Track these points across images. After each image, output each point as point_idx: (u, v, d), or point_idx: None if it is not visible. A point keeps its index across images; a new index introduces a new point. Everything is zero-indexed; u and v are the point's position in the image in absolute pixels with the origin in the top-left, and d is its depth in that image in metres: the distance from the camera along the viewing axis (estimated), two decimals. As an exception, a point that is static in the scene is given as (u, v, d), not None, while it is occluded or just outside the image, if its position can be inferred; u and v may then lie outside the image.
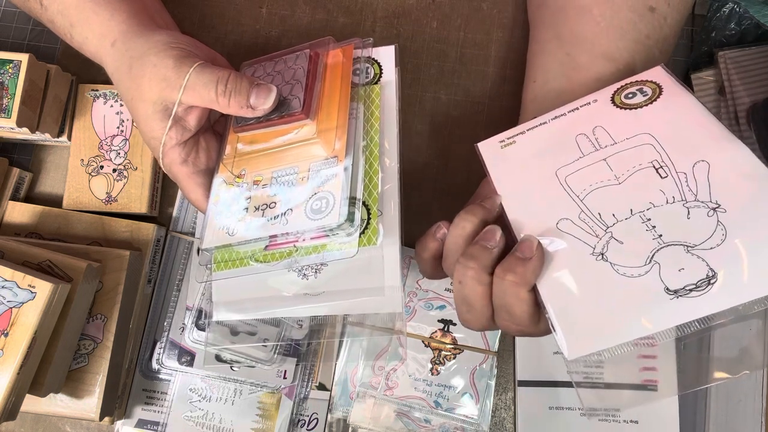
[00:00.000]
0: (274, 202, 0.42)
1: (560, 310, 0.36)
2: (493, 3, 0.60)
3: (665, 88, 0.41)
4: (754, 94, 0.52)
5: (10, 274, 0.45)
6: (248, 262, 0.42)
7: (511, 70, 0.59)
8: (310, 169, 0.42)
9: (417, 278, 0.54)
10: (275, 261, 0.41)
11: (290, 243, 0.41)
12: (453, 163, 0.58)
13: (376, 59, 0.47)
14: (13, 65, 0.51)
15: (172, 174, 0.47)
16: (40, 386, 0.46)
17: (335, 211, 0.40)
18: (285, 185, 0.43)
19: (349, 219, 0.40)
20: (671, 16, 0.47)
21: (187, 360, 0.53)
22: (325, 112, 0.44)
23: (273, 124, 0.44)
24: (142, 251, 0.54)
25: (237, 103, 0.43)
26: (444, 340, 0.53)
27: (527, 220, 0.39)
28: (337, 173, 0.41)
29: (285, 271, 0.42)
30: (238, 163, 0.45)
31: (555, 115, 0.44)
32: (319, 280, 0.41)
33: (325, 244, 0.40)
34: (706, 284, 0.33)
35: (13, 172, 0.56)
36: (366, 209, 0.41)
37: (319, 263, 0.41)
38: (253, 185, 0.44)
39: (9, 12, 0.61)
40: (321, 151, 0.43)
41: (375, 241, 0.40)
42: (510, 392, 0.54)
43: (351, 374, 0.54)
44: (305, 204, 0.41)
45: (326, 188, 0.41)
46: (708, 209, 0.35)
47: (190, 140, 0.46)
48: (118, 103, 0.57)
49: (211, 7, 0.61)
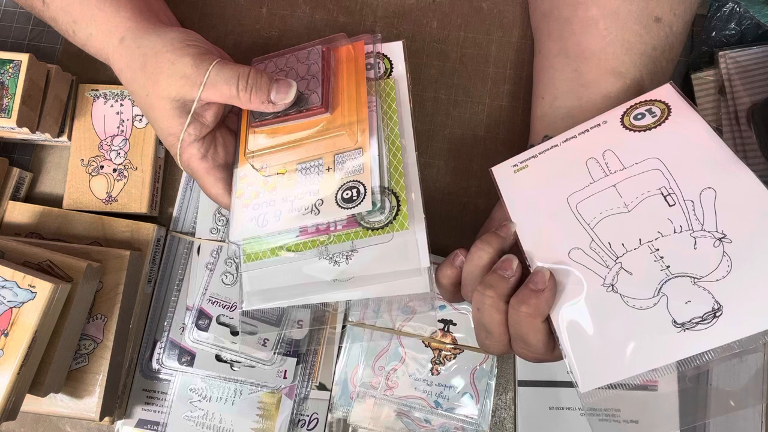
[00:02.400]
0: (302, 193, 0.44)
1: (573, 343, 0.36)
2: (493, 3, 0.60)
3: (674, 109, 0.41)
4: (754, 94, 0.51)
5: (11, 274, 0.45)
6: (279, 252, 0.44)
7: (511, 70, 0.59)
8: (335, 160, 0.44)
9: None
10: (307, 250, 0.43)
11: (322, 232, 0.43)
12: (453, 163, 0.58)
13: (386, 54, 0.48)
14: (14, 65, 0.51)
15: (191, 170, 0.47)
16: (40, 386, 0.46)
17: (367, 199, 0.41)
18: (311, 176, 0.44)
19: (381, 206, 0.42)
20: (677, 24, 0.47)
21: (187, 360, 0.53)
22: (344, 105, 0.45)
23: (292, 118, 0.45)
24: (143, 251, 0.54)
25: (258, 99, 0.43)
26: (444, 340, 0.53)
27: (540, 249, 0.40)
28: (364, 163, 0.43)
29: (316, 259, 0.44)
30: (258, 157, 0.46)
31: (566, 137, 0.44)
32: (350, 266, 0.43)
33: (357, 231, 0.42)
34: (711, 317, 0.33)
35: (13, 172, 0.56)
36: (395, 196, 0.43)
37: (349, 250, 0.43)
38: (276, 176, 0.45)
39: (9, 12, 0.61)
40: (346, 142, 0.44)
41: (407, 225, 0.42)
42: (510, 392, 0.54)
43: (351, 374, 0.54)
44: (335, 194, 0.42)
45: (355, 178, 0.42)
46: (714, 239, 0.35)
47: (207, 136, 0.46)
48: (118, 103, 0.57)
49: (212, 7, 0.61)
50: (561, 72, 0.49)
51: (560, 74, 0.49)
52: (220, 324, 0.52)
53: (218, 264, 0.54)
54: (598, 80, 0.46)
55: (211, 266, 0.54)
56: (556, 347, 0.38)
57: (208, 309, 0.53)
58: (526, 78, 0.59)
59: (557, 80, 0.49)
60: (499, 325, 0.39)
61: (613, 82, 0.46)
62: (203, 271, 0.54)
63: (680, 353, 0.34)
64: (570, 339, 0.37)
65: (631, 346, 0.35)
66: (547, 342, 0.38)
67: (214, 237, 0.55)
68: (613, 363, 0.35)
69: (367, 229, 0.42)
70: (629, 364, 0.35)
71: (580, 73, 0.47)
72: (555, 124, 0.47)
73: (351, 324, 0.55)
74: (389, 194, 0.43)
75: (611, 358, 0.35)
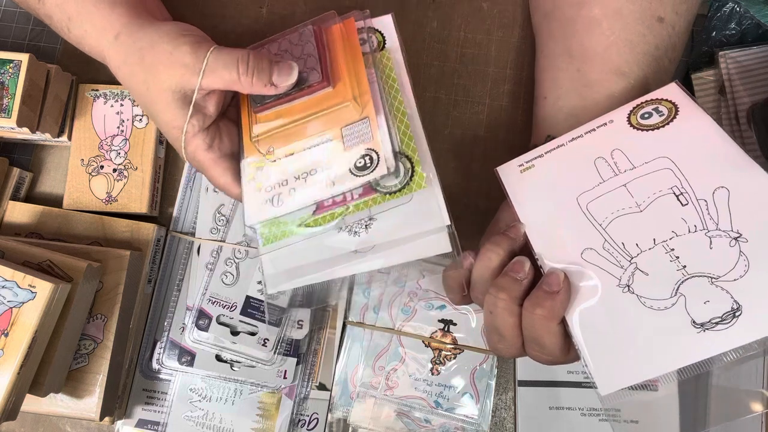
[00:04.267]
0: (314, 169, 0.44)
1: (590, 346, 0.36)
2: (493, 3, 0.60)
3: (681, 107, 0.41)
4: (754, 94, 0.52)
5: (11, 274, 0.45)
6: (297, 230, 0.44)
7: (511, 70, 0.59)
8: (343, 133, 0.44)
9: (417, 278, 0.54)
10: (325, 223, 0.43)
11: (339, 204, 0.43)
12: (453, 163, 0.58)
13: (377, 29, 0.48)
14: (14, 65, 0.51)
15: (197, 162, 0.46)
16: (40, 386, 0.46)
17: (381, 163, 0.42)
18: (321, 152, 0.44)
19: (395, 170, 0.42)
20: (679, 24, 0.47)
21: (187, 360, 0.53)
22: (345, 79, 0.45)
23: (294, 98, 0.45)
24: (143, 251, 0.54)
25: (261, 82, 0.43)
26: (444, 340, 0.53)
27: (551, 250, 0.39)
28: (373, 131, 0.43)
29: (335, 233, 0.44)
30: (263, 141, 0.46)
31: (572, 136, 0.43)
32: (370, 235, 0.43)
33: (375, 198, 0.42)
34: (731, 317, 0.33)
35: (13, 172, 0.56)
36: (407, 159, 0.43)
37: (367, 218, 0.43)
38: (285, 158, 0.45)
39: (9, 12, 0.61)
40: (352, 113, 0.44)
41: (424, 184, 0.42)
42: (510, 392, 0.54)
43: (351, 374, 0.54)
44: (348, 164, 0.43)
45: (366, 146, 0.43)
46: (730, 239, 0.35)
47: (211, 126, 0.46)
48: (118, 103, 0.57)
49: (212, 7, 0.61)
50: (564, 71, 0.49)
51: (563, 74, 0.49)
52: (220, 324, 0.53)
53: (218, 264, 0.54)
54: (601, 80, 0.46)
55: (211, 266, 0.54)
56: (571, 349, 0.38)
57: (208, 309, 0.53)
58: (526, 78, 0.59)
59: (560, 79, 0.49)
60: (512, 329, 0.38)
61: (616, 82, 0.46)
62: (203, 271, 0.54)
63: (701, 354, 0.33)
64: (586, 341, 0.36)
65: (651, 347, 0.35)
66: (562, 345, 0.37)
67: (214, 237, 0.55)
68: (632, 364, 0.35)
69: (385, 193, 0.42)
70: (649, 366, 0.34)
71: (583, 72, 0.47)
72: (558, 124, 0.47)
73: (351, 324, 0.55)
74: (402, 158, 0.43)
75: (630, 360, 0.35)
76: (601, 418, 0.53)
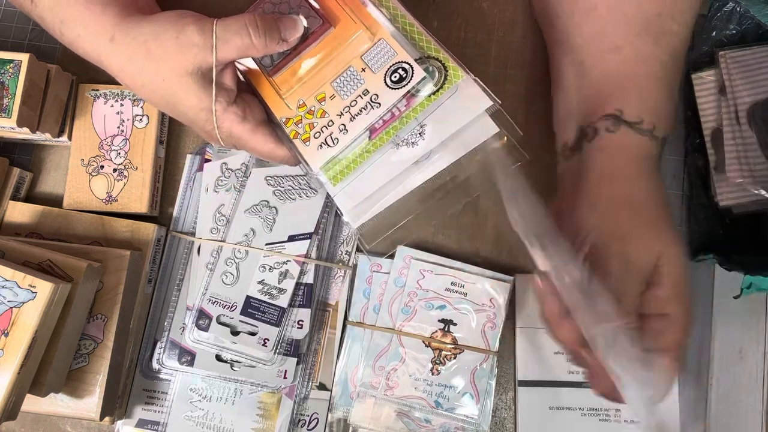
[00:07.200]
0: (354, 101, 0.45)
1: None
2: (494, 3, 0.60)
3: None
4: (755, 93, 0.52)
5: (11, 274, 0.45)
6: (359, 160, 0.45)
7: (511, 70, 0.59)
8: (364, 60, 0.45)
9: (417, 278, 0.54)
10: (383, 144, 0.45)
11: (389, 122, 0.44)
12: (453, 163, 0.58)
13: None
14: (14, 65, 0.51)
15: (234, 138, 0.46)
16: (40, 386, 0.46)
17: (417, 69, 0.43)
18: (352, 84, 0.45)
19: (430, 71, 0.44)
20: None
21: (187, 360, 0.53)
22: (343, 16, 0.46)
23: (302, 48, 0.46)
24: (143, 251, 0.54)
25: (273, 40, 0.43)
26: (444, 340, 0.53)
27: None
28: (393, 46, 0.44)
29: (394, 150, 0.45)
30: (290, 97, 0.47)
31: None
32: (426, 141, 0.45)
33: (422, 103, 0.44)
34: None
35: (13, 172, 0.56)
36: (435, 59, 0.45)
37: (419, 126, 0.45)
38: (320, 103, 0.46)
39: (9, 12, 0.61)
40: (365, 40, 0.45)
41: (460, 74, 0.44)
42: (510, 392, 0.54)
43: (351, 374, 0.54)
44: (383, 82, 0.44)
45: (393, 62, 0.44)
46: None
47: (237, 99, 0.46)
48: (118, 103, 0.57)
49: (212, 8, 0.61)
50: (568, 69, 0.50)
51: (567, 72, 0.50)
52: (220, 324, 0.52)
53: (218, 264, 0.54)
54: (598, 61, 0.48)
55: (211, 266, 0.54)
56: None
57: (208, 309, 0.53)
58: (526, 78, 0.59)
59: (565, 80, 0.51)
60: None
61: (610, 59, 0.47)
62: (203, 271, 0.54)
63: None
64: None
65: None
66: None
67: (214, 237, 0.55)
68: None
69: (428, 95, 0.44)
70: None
71: (582, 62, 0.49)
72: None
73: (351, 324, 0.55)
74: (430, 60, 0.44)
75: None
76: (601, 418, 0.53)
